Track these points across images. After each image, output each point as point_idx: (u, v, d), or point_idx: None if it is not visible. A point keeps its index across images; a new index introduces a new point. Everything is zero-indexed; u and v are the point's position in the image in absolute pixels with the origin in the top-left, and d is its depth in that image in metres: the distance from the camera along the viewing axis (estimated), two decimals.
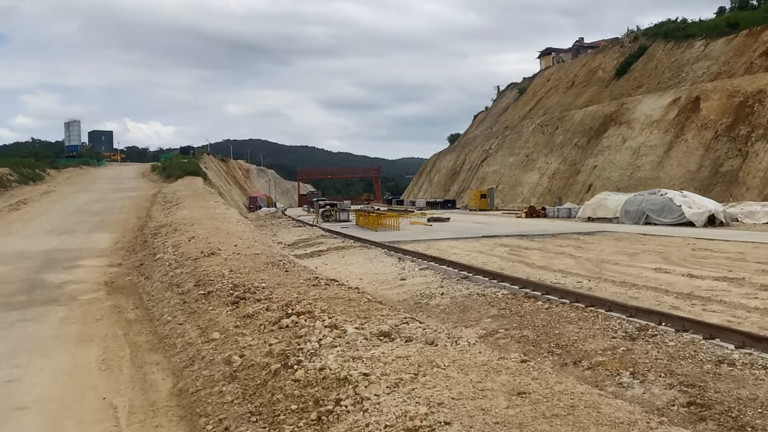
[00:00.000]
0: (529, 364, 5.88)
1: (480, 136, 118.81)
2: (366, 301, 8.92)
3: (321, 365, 6.09)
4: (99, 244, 23.84)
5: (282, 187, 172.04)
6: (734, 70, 71.00)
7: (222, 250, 15.56)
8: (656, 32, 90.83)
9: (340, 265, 24.30)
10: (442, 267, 20.54)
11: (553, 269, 19.65)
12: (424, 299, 15.79)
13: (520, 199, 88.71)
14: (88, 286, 15.58)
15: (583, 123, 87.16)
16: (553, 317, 12.45)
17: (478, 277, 17.86)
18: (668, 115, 72.38)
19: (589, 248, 25.58)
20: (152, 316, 11.62)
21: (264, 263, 13.36)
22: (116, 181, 63.25)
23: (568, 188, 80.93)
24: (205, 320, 9.74)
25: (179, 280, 13.34)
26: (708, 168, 63.06)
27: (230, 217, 27.02)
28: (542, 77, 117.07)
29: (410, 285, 18.26)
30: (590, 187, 77.79)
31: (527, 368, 5.69)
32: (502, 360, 5.93)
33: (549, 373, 5.82)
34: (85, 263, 19.52)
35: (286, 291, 10.06)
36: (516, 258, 23.10)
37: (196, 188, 46.56)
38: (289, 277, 11.45)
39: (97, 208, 37.28)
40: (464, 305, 14.49)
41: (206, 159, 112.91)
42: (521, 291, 15.34)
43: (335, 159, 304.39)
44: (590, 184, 78.08)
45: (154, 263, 16.83)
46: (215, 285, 11.57)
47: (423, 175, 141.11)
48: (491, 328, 12.06)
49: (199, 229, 21.08)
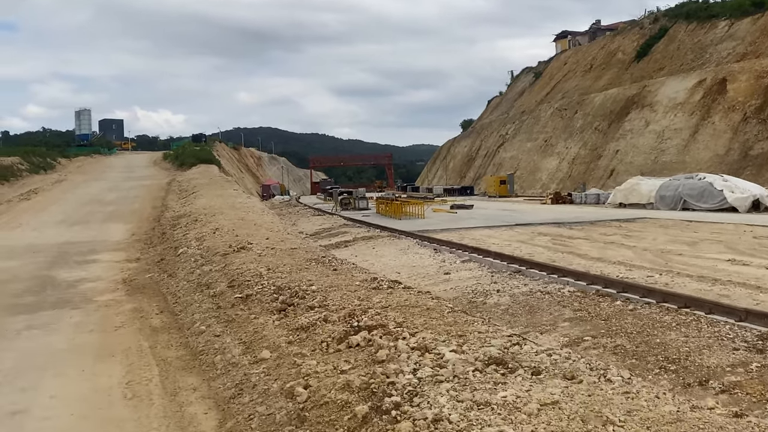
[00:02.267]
0: (747, 419, 4.18)
1: (496, 121, 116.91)
2: (449, 311, 7.26)
3: (434, 415, 4.40)
4: (114, 236, 22.27)
5: (294, 174, 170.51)
6: (762, 50, 68.86)
7: (253, 244, 13.91)
8: (677, 13, 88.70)
9: (371, 256, 22.67)
10: (487, 259, 18.86)
11: (612, 261, 17.96)
12: (478, 297, 14.11)
13: (539, 185, 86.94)
14: (105, 284, 13.99)
15: (603, 106, 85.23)
16: (645, 321, 10.78)
17: (533, 271, 16.17)
18: (693, 97, 70.41)
19: (638, 236, 23.89)
20: (181, 323, 10.00)
21: (305, 260, 11.71)
22: (128, 169, 61.71)
23: (590, 173, 79.11)
24: (248, 332, 8.12)
25: (209, 279, 11.71)
26: (737, 151, 61.14)
27: (254, 207, 25.42)
28: (559, 61, 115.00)
29: (457, 280, 16.59)
30: (612, 171, 75.98)
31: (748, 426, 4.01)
32: (701, 411, 4.23)
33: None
34: (100, 258, 17.94)
35: (344, 296, 8.42)
36: (563, 248, 21.41)
37: (212, 176, 44.94)
38: (340, 278, 9.80)
39: (111, 198, 35.73)
40: (529, 305, 12.81)
41: (218, 147, 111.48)
42: (590, 288, 13.66)
43: (346, 146, 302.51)
44: (612, 169, 76.26)
45: (177, 258, 15.22)
46: (253, 287, 9.95)
47: (437, 161, 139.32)
48: (574, 335, 10.39)
49: (222, 220, 19.46)
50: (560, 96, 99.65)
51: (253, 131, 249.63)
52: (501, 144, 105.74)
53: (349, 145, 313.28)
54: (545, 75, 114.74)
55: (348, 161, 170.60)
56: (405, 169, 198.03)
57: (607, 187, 68.40)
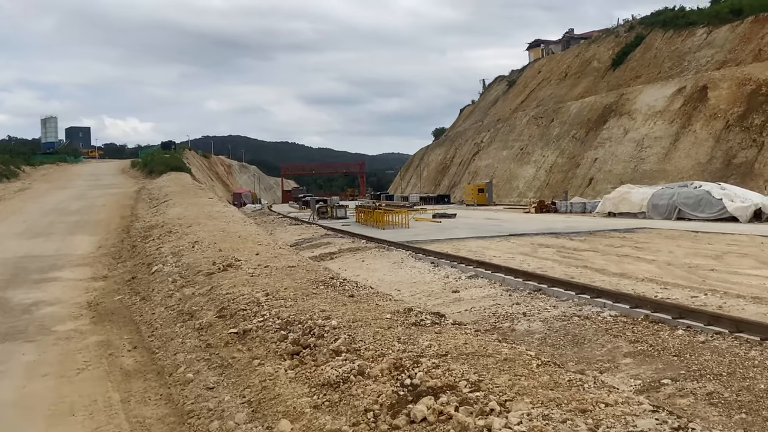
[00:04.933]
0: None
1: (470, 129, 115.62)
2: (539, 364, 5.32)
3: None
4: (79, 249, 20.06)
5: (265, 183, 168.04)
6: (741, 57, 68.11)
7: (242, 261, 11.89)
8: (653, 21, 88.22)
9: (362, 271, 20.70)
10: (497, 275, 16.91)
11: (638, 277, 16.12)
12: (503, 322, 12.15)
13: (515, 193, 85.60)
14: (66, 309, 11.88)
15: (580, 114, 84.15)
16: (729, 358, 8.91)
17: (557, 290, 14.24)
18: (673, 105, 69.42)
19: (649, 249, 22.15)
20: (160, 365, 7.98)
21: (310, 282, 9.71)
22: (95, 177, 59.14)
23: (568, 182, 77.82)
24: (254, 386, 6.15)
25: (192, 306, 9.69)
26: (720, 159, 60.08)
27: (233, 216, 23.31)
28: (532, 69, 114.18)
29: (470, 300, 14.64)
30: (591, 180, 74.80)
31: None
32: None
33: None
34: (61, 275, 15.78)
35: (377, 336, 6.45)
36: (575, 262, 19.56)
37: (184, 184, 42.63)
38: (362, 308, 7.82)
39: (76, 207, 33.34)
40: (571, 334, 10.89)
41: (188, 154, 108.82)
42: (635, 312, 11.76)
43: (316, 155, 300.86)
44: (591, 178, 75.07)
45: (151, 277, 13.13)
46: (251, 319, 7.96)
47: (410, 169, 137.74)
48: (647, 377, 8.49)
49: (201, 232, 17.38)
50: (535, 104, 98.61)
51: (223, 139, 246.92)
52: (476, 152, 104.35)
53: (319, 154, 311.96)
54: (519, 83, 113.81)
55: (319, 169, 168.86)
56: (376, 177, 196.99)
57: (586, 195, 67.17)
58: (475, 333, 6.44)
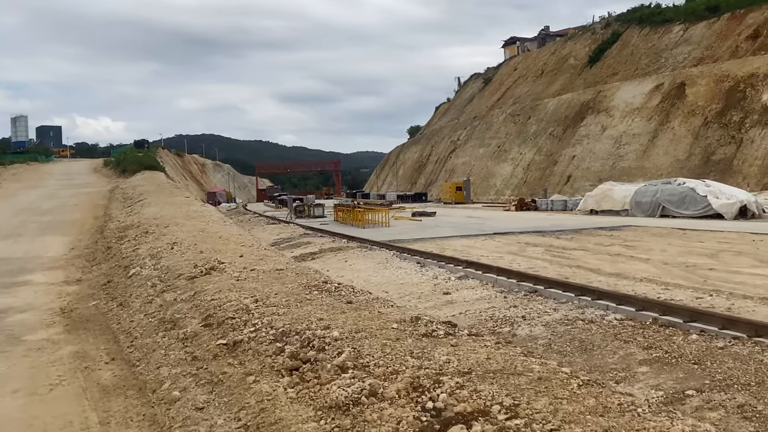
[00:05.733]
0: None
1: (446, 127, 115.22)
2: (580, 384, 4.68)
3: None
4: (50, 251, 19.20)
5: (239, 181, 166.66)
6: (719, 54, 68.26)
7: (225, 264, 11.16)
8: (630, 18, 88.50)
9: (346, 271, 20.01)
10: (489, 275, 16.31)
11: (636, 278, 15.58)
12: (502, 326, 11.52)
13: (493, 191, 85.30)
14: (38, 316, 11.10)
15: (557, 112, 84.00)
16: (754, 366, 8.33)
17: (554, 291, 13.64)
18: (651, 101, 69.39)
19: (640, 247, 21.67)
20: (142, 380, 7.26)
21: (302, 287, 9.01)
22: (67, 177, 57.92)
23: (545, 179, 77.63)
24: (250, 408, 5.47)
25: (175, 313, 8.97)
26: (698, 156, 60.08)
27: (212, 216, 22.52)
28: (508, 66, 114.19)
29: (462, 302, 14.01)
30: (569, 177, 74.66)
31: None
32: None
33: None
34: (32, 278, 14.96)
35: (385, 349, 5.79)
36: (566, 261, 19.01)
37: (159, 182, 41.66)
38: (363, 316, 7.15)
39: (48, 206, 32.33)
40: (577, 339, 10.28)
41: (161, 153, 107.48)
42: (641, 315, 11.18)
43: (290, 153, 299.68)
44: (569, 175, 74.93)
45: (129, 281, 12.36)
46: (241, 328, 7.27)
47: (386, 167, 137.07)
48: (668, 387, 7.88)
49: (179, 232, 16.61)
50: (512, 101, 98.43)
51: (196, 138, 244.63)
52: (453, 150, 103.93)
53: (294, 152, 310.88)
54: (495, 81, 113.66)
55: (294, 168, 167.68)
56: (350, 175, 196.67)
57: (564, 192, 66.94)
58: (496, 345, 5.79)
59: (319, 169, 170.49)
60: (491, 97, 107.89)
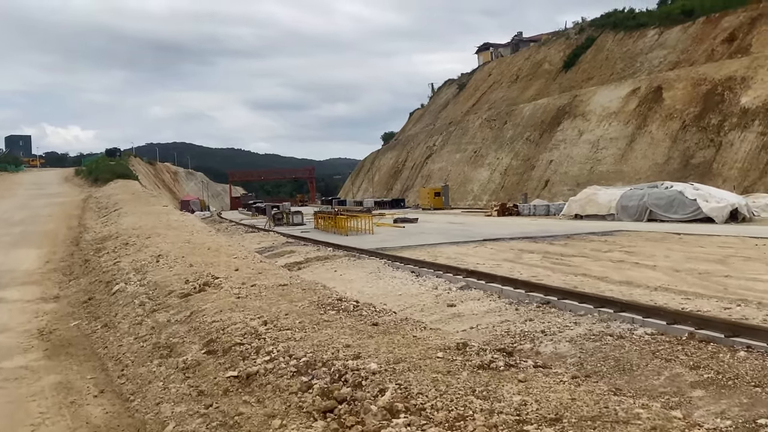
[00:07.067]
0: None
1: (421, 132, 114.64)
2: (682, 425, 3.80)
3: None
4: (24, 264, 18.03)
5: (212, 190, 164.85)
6: (695, 58, 68.18)
7: (221, 279, 10.19)
8: (604, 23, 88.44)
9: (337, 282, 18.97)
10: (493, 285, 15.42)
11: (647, 286, 14.76)
12: (522, 342, 10.61)
13: (470, 196, 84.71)
14: (14, 339, 10.06)
15: (533, 117, 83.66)
16: None
17: (568, 302, 12.76)
18: (627, 106, 69.17)
19: (642, 253, 20.90)
20: (140, 420, 6.27)
21: (314, 305, 8.05)
22: (38, 186, 56.37)
23: (523, 184, 77.17)
24: None
25: (170, 336, 7.99)
26: (677, 160, 59.81)
27: (195, 226, 21.45)
28: (482, 72, 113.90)
29: (471, 315, 13.09)
30: (547, 182, 74.25)
31: None
32: None
33: None
34: (5, 295, 13.85)
35: (439, 386, 4.86)
36: (568, 269, 18.19)
37: (134, 191, 40.35)
38: (396, 341, 6.22)
39: (19, 217, 31.01)
40: (611, 357, 9.39)
41: (134, 161, 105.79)
42: (674, 329, 10.32)
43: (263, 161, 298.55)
44: (547, 180, 74.50)
45: (112, 299, 11.33)
46: (254, 357, 6.33)
47: (361, 174, 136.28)
48: (735, 415, 7.00)
49: (163, 244, 15.57)
50: (487, 107, 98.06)
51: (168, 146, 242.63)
52: (429, 155, 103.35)
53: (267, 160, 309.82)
54: (470, 86, 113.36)
55: (268, 175, 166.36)
56: (324, 182, 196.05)
57: (542, 197, 66.41)
58: (573, 380, 4.88)
59: (293, 176, 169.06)
60: (466, 102, 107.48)
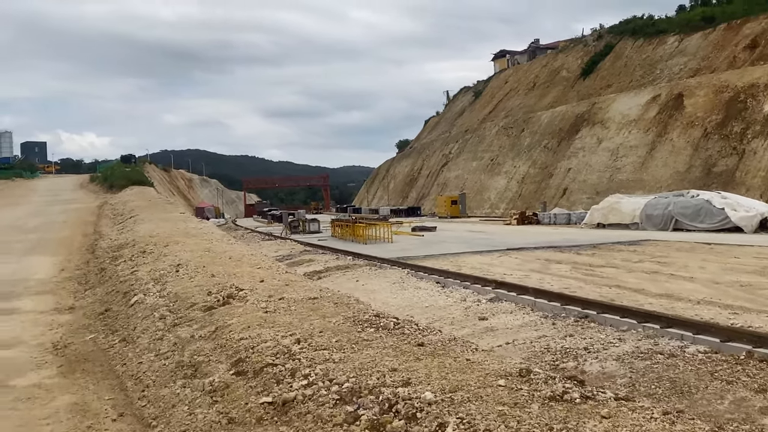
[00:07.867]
0: None
1: (437, 140, 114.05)
2: None
3: None
4: (38, 273, 17.58)
5: (226, 197, 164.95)
6: (716, 65, 67.29)
7: (246, 290, 9.61)
8: (622, 30, 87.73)
9: (359, 292, 18.30)
10: (524, 297, 14.75)
11: (689, 299, 14.08)
12: (566, 361, 9.96)
13: (487, 204, 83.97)
14: (27, 353, 9.53)
15: (551, 124, 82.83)
16: None
17: (609, 316, 12.09)
18: (648, 113, 68.26)
19: (675, 264, 20.20)
20: None
21: (349, 321, 7.44)
22: (53, 193, 56.24)
23: (541, 192, 76.33)
24: None
25: (194, 355, 7.40)
26: (699, 168, 58.86)
27: (214, 233, 20.92)
28: (499, 79, 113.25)
29: (504, 330, 12.45)
30: (565, 190, 73.38)
31: None
32: None
33: None
34: (19, 305, 13.35)
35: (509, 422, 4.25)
36: (600, 280, 17.50)
37: (150, 198, 39.98)
38: (448, 365, 5.60)
39: (34, 224, 30.62)
40: (665, 378, 8.74)
41: (148, 168, 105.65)
42: (728, 347, 9.64)
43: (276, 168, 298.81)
44: (565, 188, 73.65)
45: (130, 310, 10.77)
46: (289, 380, 5.73)
47: (376, 181, 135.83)
48: None
49: (182, 252, 15.02)
50: (504, 114, 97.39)
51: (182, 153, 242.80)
52: (445, 163, 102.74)
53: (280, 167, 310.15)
54: (486, 94, 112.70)
55: (282, 183, 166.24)
56: (338, 190, 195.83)
57: (560, 205, 65.70)
58: (665, 417, 4.25)
59: (307, 183, 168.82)
60: (482, 110, 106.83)
